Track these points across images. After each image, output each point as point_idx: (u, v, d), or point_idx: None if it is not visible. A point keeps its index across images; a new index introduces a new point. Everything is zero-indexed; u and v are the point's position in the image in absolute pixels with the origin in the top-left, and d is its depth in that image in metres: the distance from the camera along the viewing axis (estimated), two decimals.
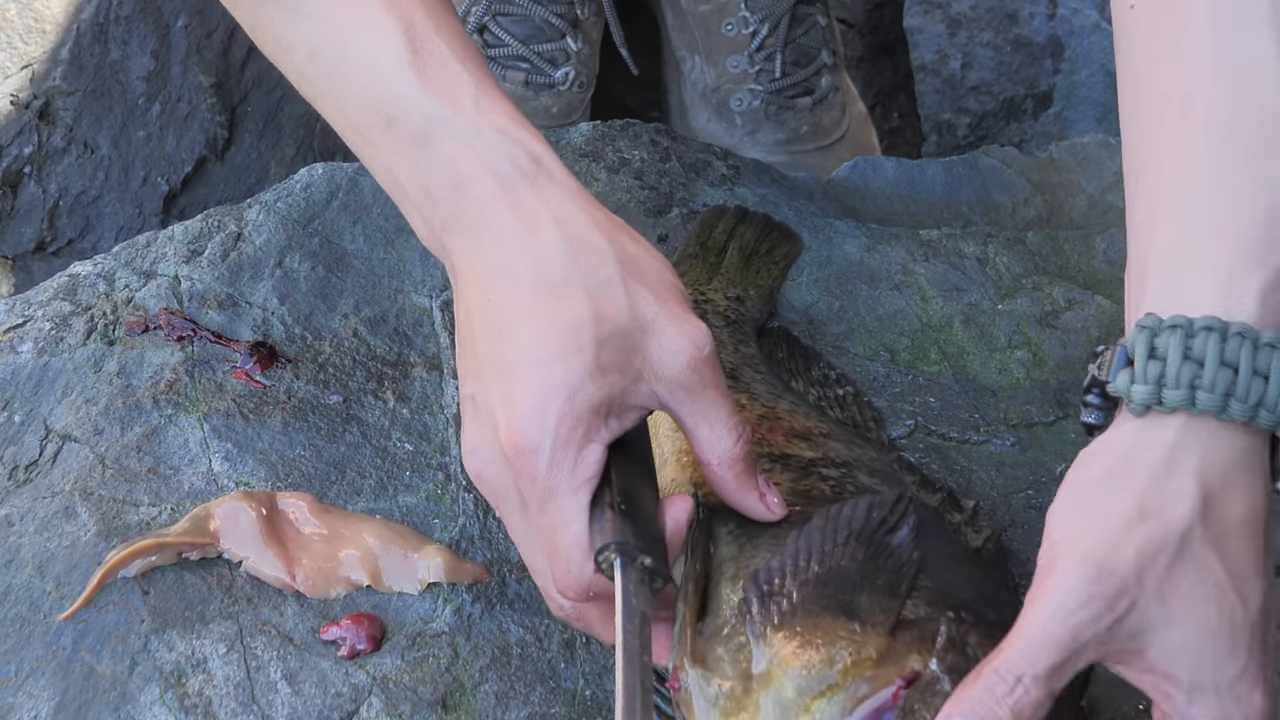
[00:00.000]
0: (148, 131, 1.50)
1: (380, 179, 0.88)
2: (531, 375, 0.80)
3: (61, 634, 0.93)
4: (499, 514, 0.85)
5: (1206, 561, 0.74)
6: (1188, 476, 0.75)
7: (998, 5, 1.60)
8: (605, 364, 0.81)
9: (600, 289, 0.82)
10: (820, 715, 0.78)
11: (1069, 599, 0.73)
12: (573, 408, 0.80)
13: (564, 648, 0.94)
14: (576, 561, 0.81)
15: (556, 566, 0.82)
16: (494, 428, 0.81)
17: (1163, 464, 0.75)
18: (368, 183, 1.17)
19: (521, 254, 0.82)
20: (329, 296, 1.11)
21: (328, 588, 0.95)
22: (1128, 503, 0.74)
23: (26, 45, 1.51)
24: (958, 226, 1.20)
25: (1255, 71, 0.78)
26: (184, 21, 1.52)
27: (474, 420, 0.83)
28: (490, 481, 0.83)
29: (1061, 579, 0.74)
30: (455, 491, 1.01)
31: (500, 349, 0.82)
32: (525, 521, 0.83)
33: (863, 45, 1.73)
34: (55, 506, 0.99)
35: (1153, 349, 0.76)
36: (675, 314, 0.83)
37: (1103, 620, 0.73)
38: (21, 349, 1.08)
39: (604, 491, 0.81)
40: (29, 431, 1.04)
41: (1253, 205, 0.76)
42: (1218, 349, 0.74)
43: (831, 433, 0.97)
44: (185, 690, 0.91)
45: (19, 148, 1.49)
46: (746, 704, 0.79)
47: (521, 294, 0.82)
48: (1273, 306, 0.75)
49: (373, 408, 1.05)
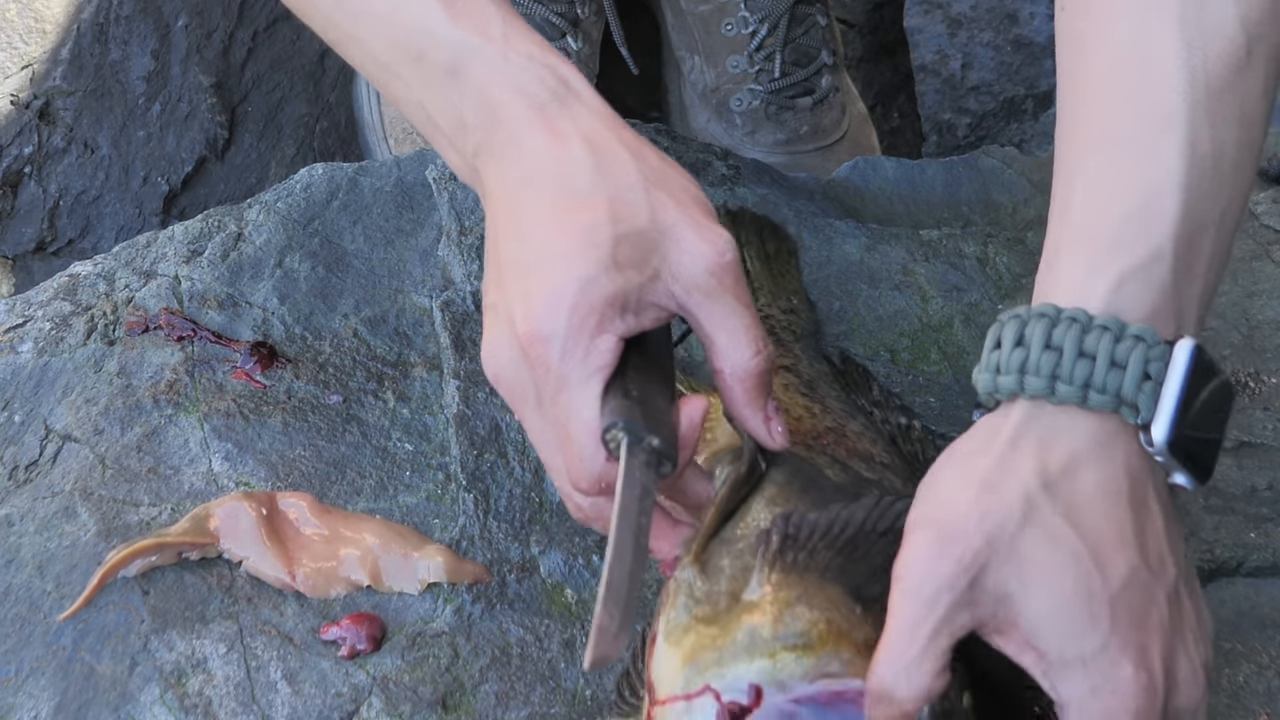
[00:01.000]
0: (148, 131, 1.50)
1: (412, 117, 0.89)
2: (548, 270, 0.81)
3: (61, 634, 0.93)
4: (517, 416, 0.85)
5: (1057, 531, 0.76)
6: (1028, 454, 0.77)
7: (998, 5, 1.60)
8: (621, 259, 0.82)
9: (621, 194, 0.83)
10: (783, 667, 0.78)
11: (919, 568, 0.75)
12: (586, 297, 0.81)
13: (564, 648, 0.94)
14: (589, 449, 0.81)
15: (570, 457, 0.82)
16: (511, 324, 0.82)
17: (1007, 444, 0.77)
18: (367, 183, 1.17)
19: (548, 166, 0.84)
20: (329, 296, 1.11)
21: (328, 588, 0.95)
22: (974, 477, 0.77)
23: (26, 45, 1.51)
24: (958, 226, 1.20)
25: (1151, 71, 0.80)
26: (184, 21, 1.52)
27: (493, 323, 0.84)
28: (508, 381, 0.84)
29: (911, 550, 0.76)
30: (455, 491, 1.01)
31: (521, 252, 0.83)
32: (541, 417, 0.84)
33: (863, 45, 1.73)
34: (55, 506, 0.99)
35: (999, 340, 0.80)
36: (696, 220, 0.84)
37: (957, 583, 0.75)
38: (21, 349, 1.08)
39: (617, 383, 0.82)
40: (29, 431, 1.04)
41: (1124, 204, 0.79)
42: (1044, 334, 0.78)
43: (892, 465, 0.97)
44: (185, 690, 0.91)
45: (19, 148, 1.49)
46: (723, 621, 0.80)
47: (545, 202, 0.83)
48: (1128, 295, 0.78)
49: (373, 408, 1.05)
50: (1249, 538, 1.00)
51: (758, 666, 0.79)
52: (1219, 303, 1.14)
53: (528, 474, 1.01)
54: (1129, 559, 0.76)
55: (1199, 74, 0.79)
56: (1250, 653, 0.96)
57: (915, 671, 0.74)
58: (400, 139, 1.45)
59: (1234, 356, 1.11)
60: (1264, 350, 1.12)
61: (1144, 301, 0.78)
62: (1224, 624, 0.97)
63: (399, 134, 1.45)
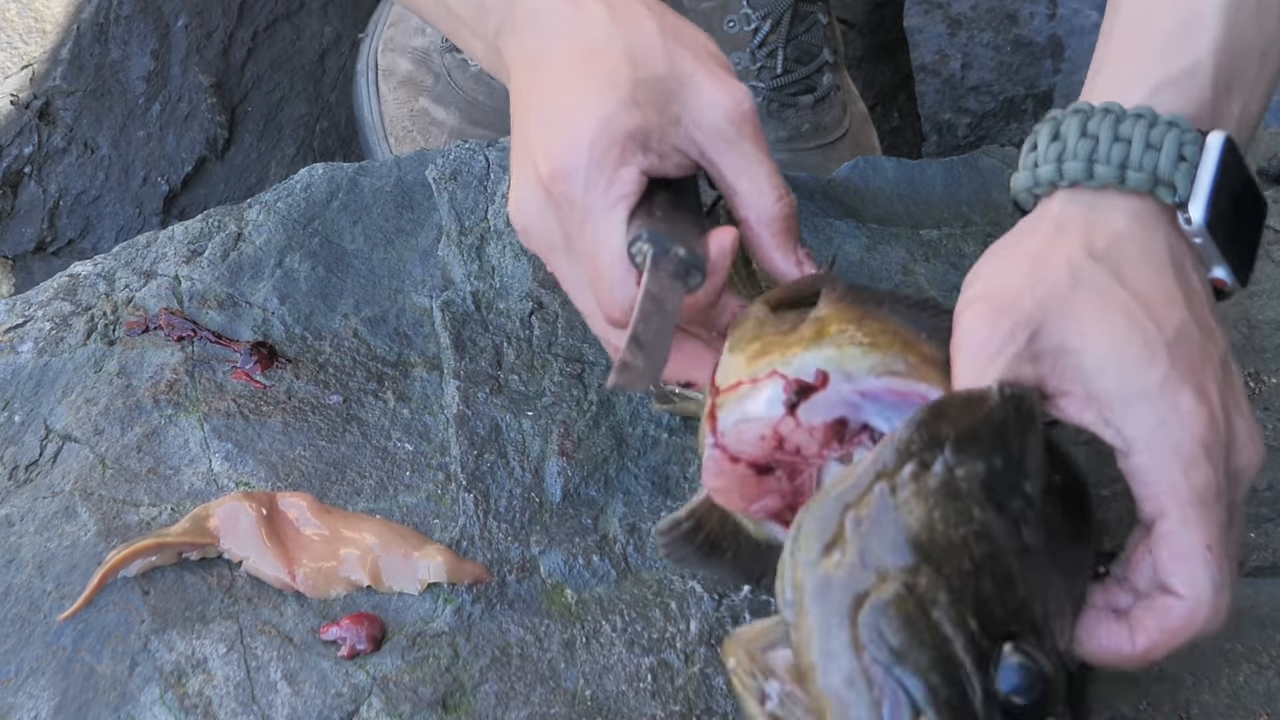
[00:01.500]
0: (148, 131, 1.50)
1: (430, 16, 0.92)
2: (568, 115, 0.83)
3: (61, 634, 0.93)
4: (550, 267, 0.86)
5: (1107, 288, 0.78)
6: (1073, 233, 0.80)
7: (998, 5, 1.60)
8: (641, 99, 0.83)
9: (638, 43, 0.85)
10: (850, 358, 0.80)
11: (978, 334, 0.77)
12: (606, 131, 0.82)
13: (564, 648, 0.94)
14: (618, 274, 0.82)
15: (600, 289, 0.83)
16: (534, 169, 0.84)
17: (1051, 228, 0.80)
18: (367, 183, 1.17)
19: (565, 26, 0.86)
20: (329, 296, 1.11)
21: (328, 588, 0.95)
22: (1021, 257, 0.79)
23: (26, 45, 1.51)
24: (958, 226, 1.20)
25: None
26: (184, 21, 1.52)
27: (518, 177, 0.86)
28: (536, 232, 0.85)
29: (967, 322, 0.78)
30: (455, 491, 1.01)
31: (543, 107, 0.85)
32: (570, 259, 0.85)
33: (863, 45, 1.73)
34: (55, 506, 0.99)
35: (1034, 143, 0.83)
36: (714, 72, 0.85)
37: (1016, 338, 0.77)
38: (21, 349, 1.08)
39: (642, 210, 0.83)
40: (29, 431, 1.04)
41: (1165, 25, 0.82)
42: (1080, 125, 0.80)
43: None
44: (185, 690, 0.91)
45: (19, 148, 1.49)
46: (790, 330, 0.82)
47: (564, 59, 0.85)
48: (1163, 99, 0.81)
49: (373, 408, 1.05)
50: (1249, 538, 1.00)
51: (825, 354, 0.80)
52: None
53: (528, 474, 1.01)
54: (1180, 316, 0.78)
55: None
56: (1250, 653, 0.96)
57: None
58: (400, 138, 1.45)
59: (1234, 356, 1.11)
60: (1264, 350, 1.12)
61: (1179, 105, 0.80)
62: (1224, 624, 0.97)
63: (399, 133, 1.45)
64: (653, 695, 0.92)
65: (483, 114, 1.42)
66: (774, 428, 0.81)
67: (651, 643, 0.95)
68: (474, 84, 1.42)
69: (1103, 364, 0.77)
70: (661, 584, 0.97)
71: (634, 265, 0.81)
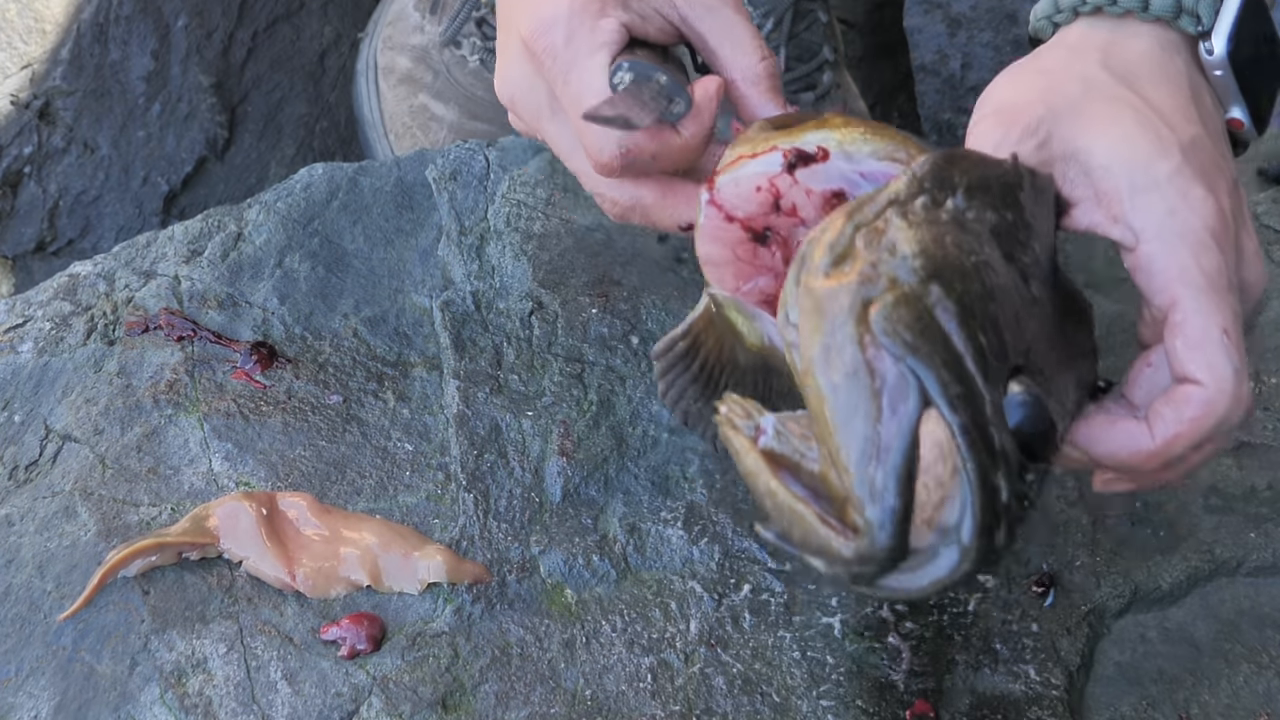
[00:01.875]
0: (148, 131, 1.50)
1: None
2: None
3: (61, 634, 0.93)
4: (539, 135, 0.86)
5: (1118, 94, 0.78)
6: (1089, 53, 0.80)
7: (998, 5, 1.60)
8: None
9: None
10: (852, 141, 0.80)
11: (989, 140, 0.78)
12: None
13: (564, 648, 0.94)
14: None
15: (589, 141, 0.83)
16: (517, 35, 0.84)
17: (1067, 50, 0.81)
18: (367, 183, 1.17)
19: None
20: (329, 296, 1.11)
21: (328, 588, 0.95)
22: (1035, 71, 0.80)
23: (26, 45, 1.51)
24: None
25: None
26: (184, 21, 1.52)
27: (501, 49, 0.86)
28: (521, 97, 0.86)
29: (979, 131, 0.78)
30: (455, 491, 1.01)
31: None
32: (557, 120, 0.85)
33: (863, 45, 1.73)
34: (55, 506, 0.99)
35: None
36: None
37: (1026, 143, 0.77)
38: (21, 349, 1.08)
39: (623, 57, 0.83)
40: (29, 431, 1.04)
41: None
42: None
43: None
44: (185, 690, 0.91)
45: (19, 148, 1.49)
46: (795, 129, 0.81)
47: None
48: None
49: (373, 408, 1.05)
50: (1249, 538, 1.00)
51: (825, 135, 0.79)
52: None
53: (528, 474, 1.01)
54: (1194, 129, 0.78)
55: None
56: (1250, 653, 0.96)
57: None
58: (400, 134, 1.45)
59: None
60: (1264, 350, 1.12)
61: None
62: (1224, 624, 0.97)
63: (399, 129, 1.46)
64: (653, 695, 0.92)
65: (482, 109, 1.42)
66: (771, 180, 0.80)
67: (651, 643, 0.95)
68: (473, 79, 1.43)
69: (1112, 159, 0.76)
70: (661, 584, 0.97)
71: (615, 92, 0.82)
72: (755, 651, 0.95)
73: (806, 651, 0.95)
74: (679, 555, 0.99)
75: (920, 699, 0.92)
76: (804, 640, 0.95)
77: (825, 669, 0.94)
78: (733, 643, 0.95)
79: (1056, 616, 0.97)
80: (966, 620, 0.97)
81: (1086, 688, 0.95)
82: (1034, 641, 0.96)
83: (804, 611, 0.97)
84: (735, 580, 0.98)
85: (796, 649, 0.95)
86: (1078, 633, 0.96)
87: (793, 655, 0.95)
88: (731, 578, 0.98)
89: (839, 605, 0.97)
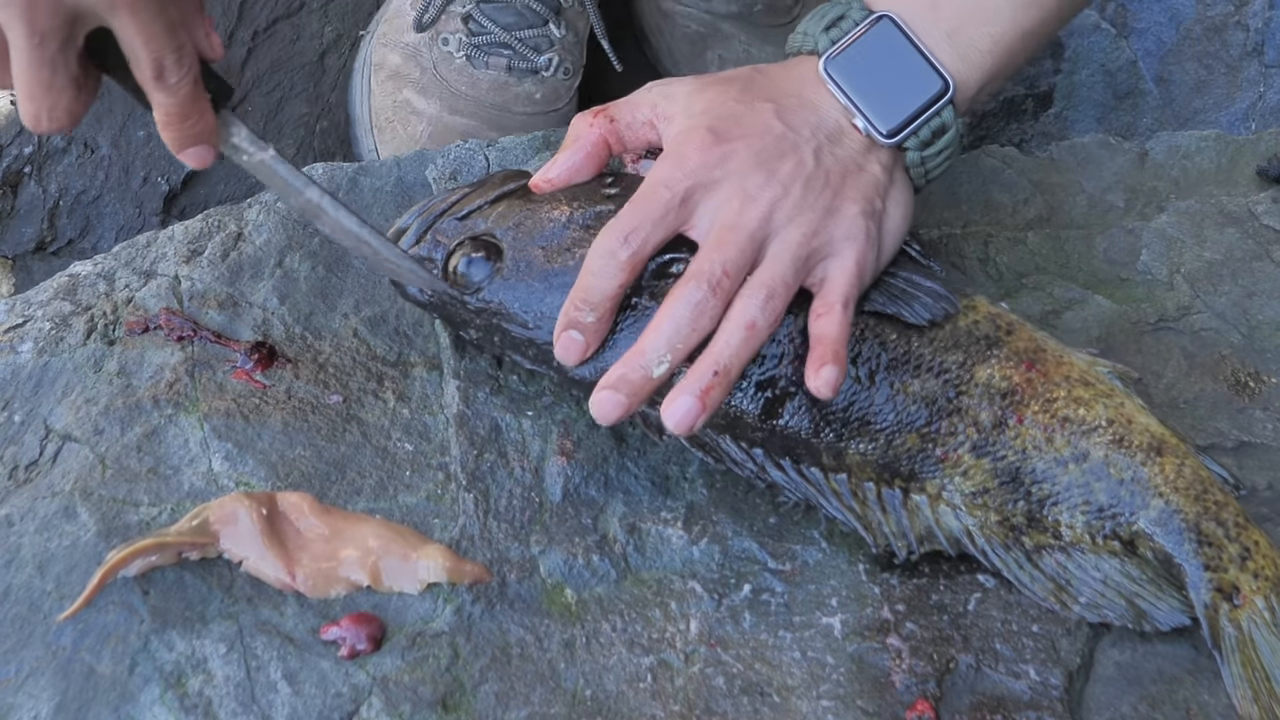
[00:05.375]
0: (148, 131, 1.50)
1: None
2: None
3: (61, 634, 0.93)
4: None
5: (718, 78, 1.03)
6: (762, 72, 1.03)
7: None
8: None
9: None
10: None
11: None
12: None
13: (564, 648, 0.94)
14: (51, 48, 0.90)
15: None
16: None
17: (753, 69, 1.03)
18: (367, 182, 1.17)
19: None
20: (329, 296, 1.11)
21: (328, 588, 0.95)
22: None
23: None
24: (958, 226, 1.20)
25: None
26: None
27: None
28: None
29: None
30: (455, 491, 1.01)
31: None
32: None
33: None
34: (55, 506, 0.99)
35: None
36: None
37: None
38: (21, 349, 1.08)
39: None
40: (29, 431, 1.04)
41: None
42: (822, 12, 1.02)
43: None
44: (185, 690, 0.91)
45: (19, 148, 1.49)
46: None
47: None
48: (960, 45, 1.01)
49: (373, 408, 1.05)
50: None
51: None
52: (1219, 302, 1.14)
53: (528, 474, 1.01)
54: (767, 113, 0.99)
55: None
56: None
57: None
58: (382, 128, 1.46)
59: (1234, 356, 1.11)
60: (1264, 350, 1.12)
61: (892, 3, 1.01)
62: None
63: (381, 123, 1.46)
64: (653, 695, 0.92)
65: (463, 104, 1.43)
66: None
67: (651, 643, 0.95)
68: (457, 76, 1.43)
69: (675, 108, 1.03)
70: (661, 584, 0.97)
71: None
72: (755, 651, 0.95)
73: (806, 651, 0.95)
74: (679, 555, 0.99)
75: (920, 699, 0.92)
76: (804, 640, 0.95)
77: (825, 669, 0.94)
78: (733, 643, 0.95)
79: (1056, 616, 0.97)
80: (966, 620, 0.97)
81: (1086, 688, 0.95)
82: (1034, 641, 0.96)
83: (804, 611, 0.97)
84: (735, 580, 0.98)
85: (796, 649, 0.95)
86: (1078, 633, 0.96)
87: (793, 655, 0.95)
88: (731, 578, 0.98)
89: (839, 605, 0.97)
